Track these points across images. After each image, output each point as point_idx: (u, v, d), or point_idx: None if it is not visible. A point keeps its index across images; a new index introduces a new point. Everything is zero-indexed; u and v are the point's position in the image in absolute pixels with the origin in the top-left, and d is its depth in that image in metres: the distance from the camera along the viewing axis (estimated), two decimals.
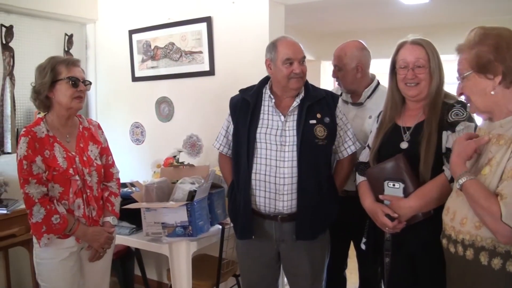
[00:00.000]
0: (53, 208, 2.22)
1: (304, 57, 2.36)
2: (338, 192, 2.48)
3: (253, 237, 2.38)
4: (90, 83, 2.43)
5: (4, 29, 3.65)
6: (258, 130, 2.35)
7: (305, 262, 2.40)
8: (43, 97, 2.30)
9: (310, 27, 6.23)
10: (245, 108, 2.40)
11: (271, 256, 2.45)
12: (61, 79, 2.29)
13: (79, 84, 2.32)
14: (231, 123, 2.50)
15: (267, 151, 2.32)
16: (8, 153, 3.67)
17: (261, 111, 2.38)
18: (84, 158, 2.37)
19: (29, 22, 3.88)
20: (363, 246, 2.33)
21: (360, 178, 2.29)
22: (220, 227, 2.83)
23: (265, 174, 2.32)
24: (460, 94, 1.78)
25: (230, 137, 2.52)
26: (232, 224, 2.57)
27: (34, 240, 2.29)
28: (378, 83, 2.78)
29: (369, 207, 2.16)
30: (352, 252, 2.90)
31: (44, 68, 2.29)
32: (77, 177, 2.30)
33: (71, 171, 2.28)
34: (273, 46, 2.37)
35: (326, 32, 6.60)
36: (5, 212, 3.16)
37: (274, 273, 2.53)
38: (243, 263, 2.58)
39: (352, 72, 2.69)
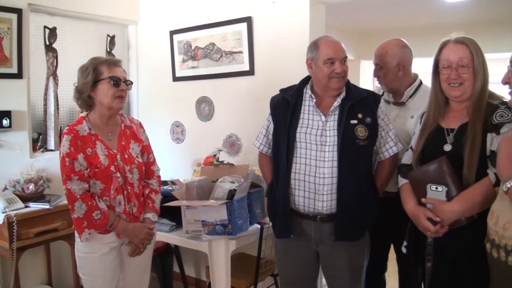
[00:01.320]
0: (94, 204, 2.27)
1: (346, 57, 2.35)
2: (379, 193, 2.45)
3: (291, 236, 2.37)
4: (131, 83, 2.47)
5: (47, 31, 3.78)
6: (298, 129, 2.34)
7: (344, 264, 2.38)
8: (85, 96, 2.36)
9: (349, 26, 6.18)
10: (286, 107, 2.40)
11: (309, 256, 2.45)
12: (102, 79, 2.34)
13: (120, 84, 2.37)
14: (271, 122, 2.50)
15: (307, 151, 2.32)
16: (51, 150, 3.80)
17: (302, 111, 2.38)
18: (126, 156, 2.42)
19: (72, 24, 4.01)
20: (404, 250, 2.30)
21: (402, 181, 2.25)
22: (259, 226, 2.84)
23: (304, 174, 2.32)
24: (506, 83, 1.73)
25: (270, 137, 2.53)
26: (270, 223, 2.57)
27: (76, 234, 2.35)
28: (421, 83, 2.73)
29: (411, 210, 2.13)
30: (391, 255, 2.87)
31: (87, 69, 2.35)
32: (118, 174, 2.35)
33: (112, 168, 2.33)
34: (314, 46, 2.36)
35: (365, 30, 6.54)
36: (47, 207, 3.25)
37: (312, 273, 2.52)
38: (281, 263, 2.58)
39: (394, 70, 2.65)
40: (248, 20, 3.47)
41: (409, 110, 2.66)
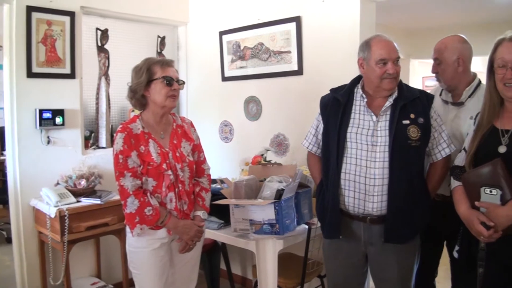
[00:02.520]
0: (146, 200, 2.32)
1: (399, 57, 2.30)
2: (431, 196, 2.39)
3: (340, 237, 2.35)
4: (183, 82, 2.51)
5: (99, 33, 3.90)
6: (349, 129, 2.31)
7: (393, 267, 2.33)
8: (139, 96, 2.41)
9: (399, 24, 6.08)
10: (336, 107, 2.37)
11: (358, 258, 2.41)
12: (156, 78, 2.38)
13: (173, 83, 2.41)
14: (321, 122, 2.48)
15: (358, 151, 2.28)
16: (103, 147, 3.91)
17: (352, 111, 2.35)
18: (177, 154, 2.45)
19: (123, 25, 4.12)
20: (455, 255, 2.22)
21: (455, 183, 2.18)
22: (307, 226, 2.83)
23: (354, 174, 2.29)
24: None
25: (320, 136, 2.50)
26: (319, 224, 2.55)
27: (127, 229, 2.40)
28: (480, 82, 2.63)
29: (464, 214, 2.06)
30: (443, 260, 2.78)
31: (140, 69, 2.40)
32: (170, 172, 2.38)
33: (164, 166, 2.37)
34: (366, 45, 2.32)
35: (415, 28, 6.41)
36: (99, 202, 3.35)
37: (360, 275, 2.48)
38: (329, 264, 2.55)
39: (453, 65, 2.56)
40: (297, 19, 3.45)
41: (468, 111, 2.54)
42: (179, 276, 2.56)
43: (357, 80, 2.44)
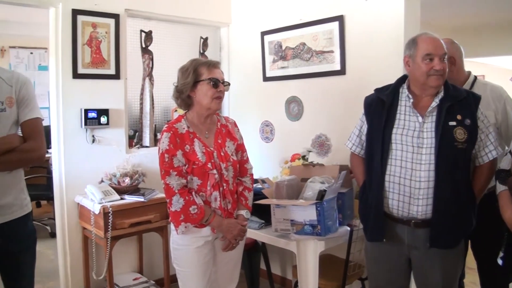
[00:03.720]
0: (191, 199, 2.34)
1: (445, 53, 2.24)
2: (476, 200, 2.31)
3: (384, 240, 2.31)
4: (229, 84, 2.53)
5: (143, 34, 3.96)
6: (394, 130, 2.27)
7: (437, 272, 2.27)
8: (185, 96, 2.44)
9: (444, 21, 5.94)
10: (381, 107, 2.33)
11: (401, 262, 2.36)
12: (202, 80, 2.40)
13: (219, 85, 2.43)
14: (365, 122, 2.45)
15: (403, 153, 2.24)
16: (146, 146, 3.97)
17: (398, 111, 2.30)
18: (222, 154, 2.47)
19: (167, 27, 4.18)
20: (500, 262, 2.15)
21: (500, 187, 2.12)
22: (349, 228, 2.79)
23: (399, 177, 2.25)
24: None
25: (363, 137, 2.47)
26: (361, 226, 2.52)
27: (172, 227, 2.44)
28: (476, 78, 2.66)
29: (510, 219, 1.99)
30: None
31: (187, 69, 2.43)
32: (214, 171, 2.40)
33: (209, 165, 2.39)
34: (413, 42, 2.28)
35: (460, 26, 6.24)
36: (142, 200, 3.40)
37: (403, 280, 2.43)
38: (371, 267, 2.52)
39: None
40: (340, 19, 3.42)
41: None
42: (221, 274, 2.57)
43: (402, 80, 2.40)
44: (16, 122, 2.23)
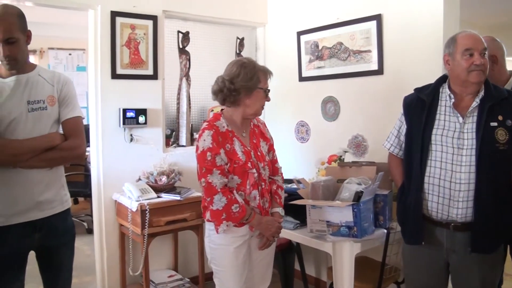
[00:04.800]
0: (233, 198, 2.33)
1: (485, 48, 2.19)
2: None
3: (422, 243, 2.27)
4: (269, 91, 2.54)
5: (181, 35, 4.01)
6: (434, 131, 2.23)
7: (476, 277, 2.22)
8: (238, 95, 2.41)
9: (481, 20, 5.78)
10: (420, 107, 2.29)
11: (439, 266, 2.31)
12: (260, 87, 2.42)
13: (268, 96, 2.48)
14: (404, 123, 2.41)
15: (443, 154, 2.20)
16: (183, 146, 4.01)
17: (437, 111, 2.26)
18: (258, 153, 2.48)
19: (203, 28, 4.21)
20: None
21: None
22: (385, 230, 2.75)
23: (439, 178, 2.20)
24: None
25: (402, 138, 2.43)
26: (398, 228, 2.49)
27: (210, 226, 2.44)
28: None
29: None
30: None
31: (251, 71, 2.40)
32: (254, 170, 2.41)
33: (249, 164, 2.40)
34: (452, 40, 2.24)
35: (501, 25, 6.07)
36: (178, 198, 3.44)
37: (441, 284, 2.38)
38: (409, 270, 2.47)
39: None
40: (378, 17, 3.37)
41: None
42: (255, 273, 2.57)
43: (442, 80, 2.35)
44: (58, 120, 2.29)
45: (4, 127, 2.13)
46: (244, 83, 2.38)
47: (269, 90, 2.48)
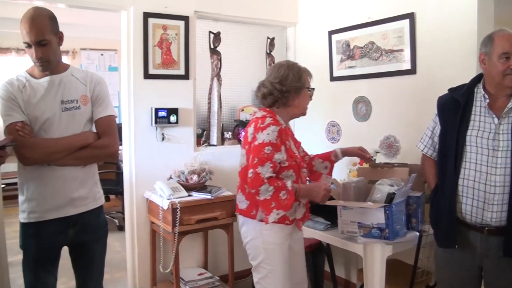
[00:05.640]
0: (280, 184, 2.30)
1: None
2: None
3: (456, 246, 2.23)
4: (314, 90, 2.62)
5: (212, 35, 4.03)
6: (469, 132, 2.18)
7: (510, 283, 2.17)
8: (288, 96, 2.46)
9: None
10: (455, 108, 2.25)
11: (472, 270, 2.27)
12: (307, 87, 2.51)
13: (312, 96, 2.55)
14: (438, 123, 2.37)
15: (478, 156, 2.15)
16: (214, 145, 4.04)
17: (472, 112, 2.21)
18: (301, 153, 2.59)
19: (234, 28, 4.23)
20: None
21: None
22: (417, 233, 2.71)
23: (474, 181, 2.16)
24: None
25: (436, 139, 2.40)
26: (431, 231, 2.44)
27: (261, 226, 2.41)
28: None
29: None
30: None
31: (298, 73, 2.48)
32: (304, 170, 2.50)
33: (303, 163, 2.50)
34: (489, 39, 2.18)
35: None
36: (209, 197, 3.46)
37: None
38: (441, 274, 2.43)
39: None
40: (410, 16, 3.32)
41: None
42: (293, 270, 2.58)
43: (477, 80, 2.30)
44: (91, 119, 2.33)
45: (38, 127, 2.19)
46: (294, 84, 2.45)
47: (313, 89, 2.57)
